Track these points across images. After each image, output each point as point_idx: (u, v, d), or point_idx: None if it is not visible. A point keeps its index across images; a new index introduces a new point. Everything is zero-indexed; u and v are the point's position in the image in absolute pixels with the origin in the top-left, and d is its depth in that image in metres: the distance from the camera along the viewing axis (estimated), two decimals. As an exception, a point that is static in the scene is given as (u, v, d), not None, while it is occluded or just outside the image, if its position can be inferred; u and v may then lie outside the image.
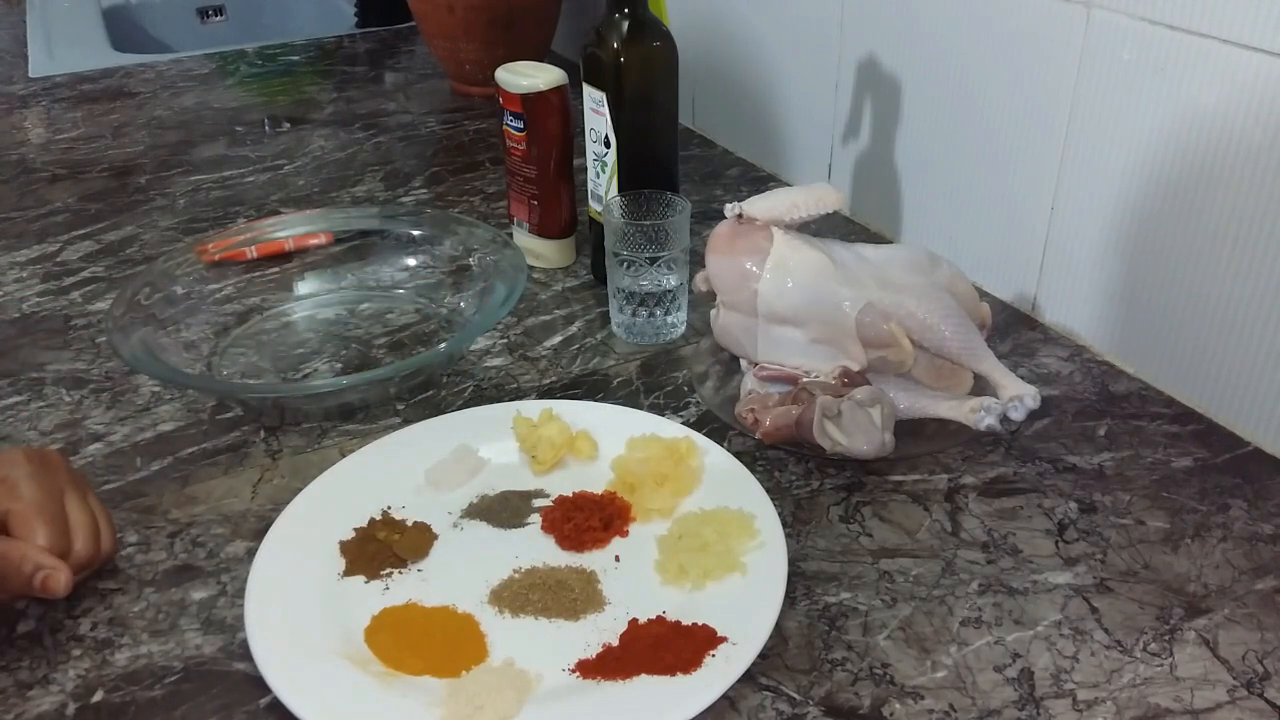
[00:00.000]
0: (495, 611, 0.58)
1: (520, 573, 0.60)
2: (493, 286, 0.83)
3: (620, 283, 0.82)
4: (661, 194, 0.83)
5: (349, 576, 0.60)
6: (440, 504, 0.66)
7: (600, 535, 0.63)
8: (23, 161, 1.22)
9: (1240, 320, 0.69)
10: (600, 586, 0.59)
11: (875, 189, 1.00)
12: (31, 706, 0.54)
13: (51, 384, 0.80)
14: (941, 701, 0.53)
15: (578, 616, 0.57)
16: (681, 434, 0.69)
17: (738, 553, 0.60)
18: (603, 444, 0.69)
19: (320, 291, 0.91)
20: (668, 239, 0.80)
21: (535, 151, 0.90)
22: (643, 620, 0.57)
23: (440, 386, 0.79)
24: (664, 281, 0.81)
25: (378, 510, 0.65)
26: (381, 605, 0.58)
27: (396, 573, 0.61)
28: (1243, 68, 0.65)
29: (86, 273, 0.97)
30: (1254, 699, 0.53)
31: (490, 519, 0.65)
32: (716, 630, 0.55)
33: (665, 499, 0.65)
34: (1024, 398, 0.69)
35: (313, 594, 0.58)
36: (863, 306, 0.69)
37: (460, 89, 1.43)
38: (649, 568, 0.61)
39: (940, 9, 0.86)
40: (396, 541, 0.62)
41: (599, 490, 0.66)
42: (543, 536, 0.63)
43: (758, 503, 0.63)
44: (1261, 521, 0.64)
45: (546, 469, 0.68)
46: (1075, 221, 0.80)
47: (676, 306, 0.83)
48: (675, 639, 0.55)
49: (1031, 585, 0.60)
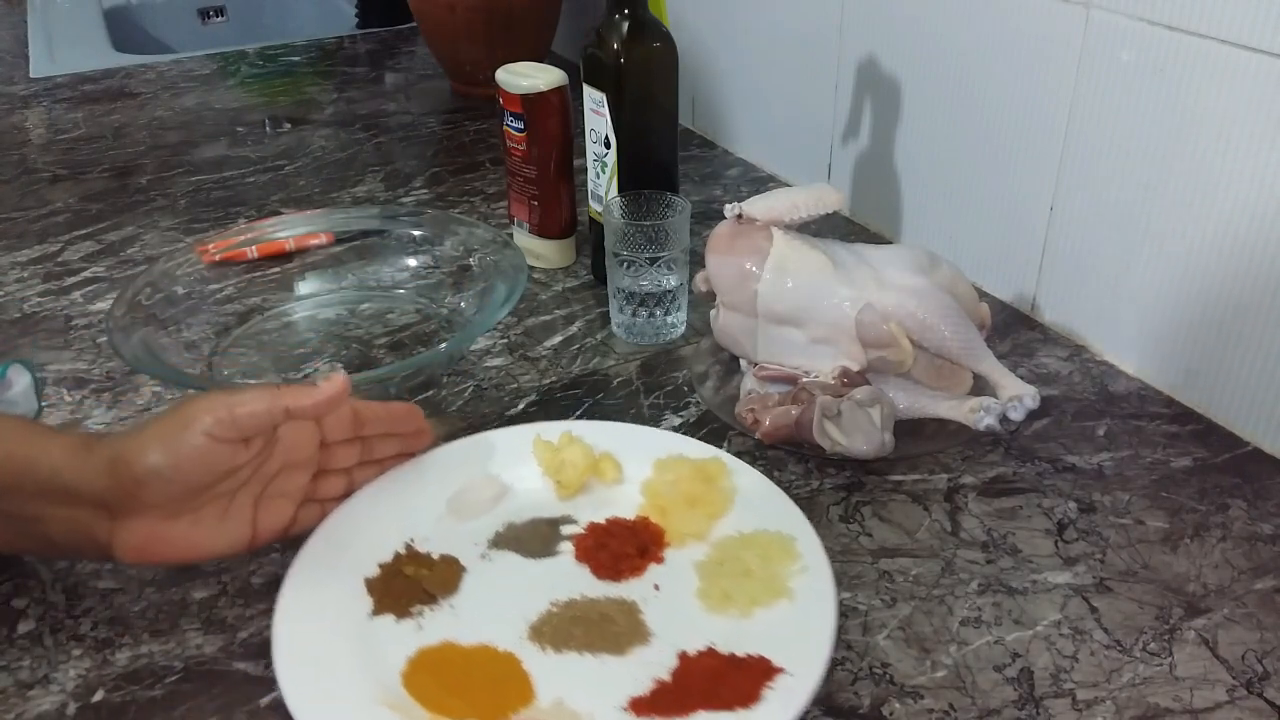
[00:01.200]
0: (537, 648, 0.55)
1: (558, 605, 0.57)
2: (493, 286, 0.83)
3: (620, 283, 0.82)
4: (661, 194, 0.83)
5: (378, 616, 0.57)
6: (465, 534, 0.63)
7: (637, 563, 0.60)
8: (24, 162, 1.22)
9: (1239, 320, 0.69)
10: (643, 617, 0.57)
11: (875, 189, 1.00)
12: (32, 706, 0.54)
13: (53, 384, 0.80)
14: (941, 701, 0.53)
15: (623, 651, 0.54)
16: (710, 454, 0.66)
17: (782, 577, 0.57)
18: (627, 466, 0.66)
19: (321, 291, 0.91)
20: (668, 239, 0.80)
21: (535, 152, 0.90)
22: (691, 652, 0.54)
23: (440, 386, 0.79)
24: (664, 282, 0.81)
25: (401, 544, 0.61)
26: (416, 646, 0.55)
27: (427, 610, 0.57)
28: (1243, 68, 0.65)
29: (87, 273, 0.97)
30: (1253, 699, 0.53)
31: (519, 548, 0.62)
32: (771, 661, 0.52)
33: (699, 522, 0.62)
34: (1023, 397, 0.69)
35: (343, 638, 0.55)
36: (863, 306, 0.69)
37: (460, 89, 1.43)
38: (690, 595, 0.58)
39: (940, 9, 0.86)
40: (426, 577, 0.59)
41: (628, 514, 0.63)
42: (576, 565, 0.60)
43: (796, 524, 0.60)
44: (1261, 521, 0.64)
45: (571, 494, 0.65)
46: (1075, 221, 0.80)
47: (676, 306, 0.83)
48: (730, 672, 0.52)
49: (1031, 585, 0.60)
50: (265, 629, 0.58)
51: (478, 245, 0.88)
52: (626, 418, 0.75)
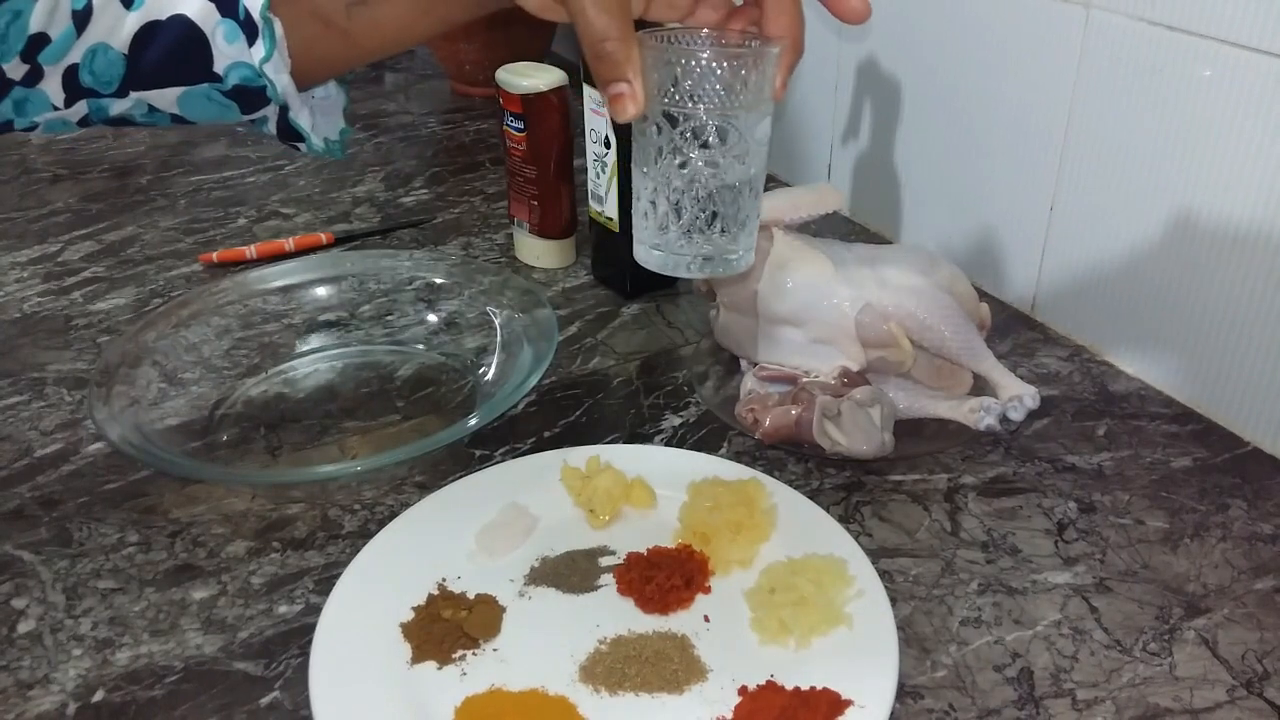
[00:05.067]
0: (589, 690, 0.52)
1: (606, 643, 0.55)
2: (520, 350, 0.76)
3: (665, 176, 0.50)
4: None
5: (418, 664, 0.54)
6: (499, 571, 0.60)
7: (684, 595, 0.57)
8: (24, 162, 1.23)
9: (1239, 320, 0.69)
10: (697, 652, 0.54)
11: (875, 189, 1.00)
12: (32, 706, 0.54)
13: (53, 384, 0.80)
14: (941, 701, 0.53)
15: (681, 689, 0.52)
16: (747, 475, 0.64)
17: (838, 604, 0.55)
18: (660, 491, 0.64)
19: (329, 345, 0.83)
20: (757, 92, 0.49)
21: (535, 152, 0.90)
22: (752, 687, 0.52)
23: (440, 385, 0.79)
24: (735, 171, 0.50)
25: (433, 585, 0.58)
26: (463, 694, 0.52)
27: (470, 654, 0.54)
28: (1243, 68, 0.65)
29: (87, 273, 0.97)
30: (1253, 699, 0.53)
31: (558, 584, 0.59)
32: (840, 694, 0.50)
33: (744, 549, 0.60)
34: (1023, 397, 0.69)
35: (384, 691, 0.52)
36: (862, 307, 0.69)
37: (460, 89, 1.43)
38: (743, 627, 0.56)
39: (940, 9, 0.86)
40: (465, 619, 0.56)
41: (667, 542, 0.61)
42: (620, 599, 0.58)
43: (845, 545, 0.59)
44: (1261, 521, 0.64)
45: (605, 523, 0.63)
46: (1075, 221, 0.80)
47: (750, 216, 0.52)
48: (799, 708, 0.50)
49: (1031, 585, 0.60)
50: (265, 629, 0.58)
51: (507, 302, 0.81)
52: (627, 418, 0.75)
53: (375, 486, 0.68)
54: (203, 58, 0.55)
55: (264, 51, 0.54)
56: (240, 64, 0.55)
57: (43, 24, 0.51)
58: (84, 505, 0.67)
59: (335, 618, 0.56)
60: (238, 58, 0.55)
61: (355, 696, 0.51)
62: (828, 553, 0.58)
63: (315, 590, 0.60)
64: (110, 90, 0.55)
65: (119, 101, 0.56)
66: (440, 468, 0.69)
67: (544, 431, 0.73)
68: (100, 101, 0.55)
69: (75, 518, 0.66)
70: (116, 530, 0.65)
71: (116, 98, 0.55)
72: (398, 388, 0.78)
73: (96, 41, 0.53)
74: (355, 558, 0.60)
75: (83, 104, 0.55)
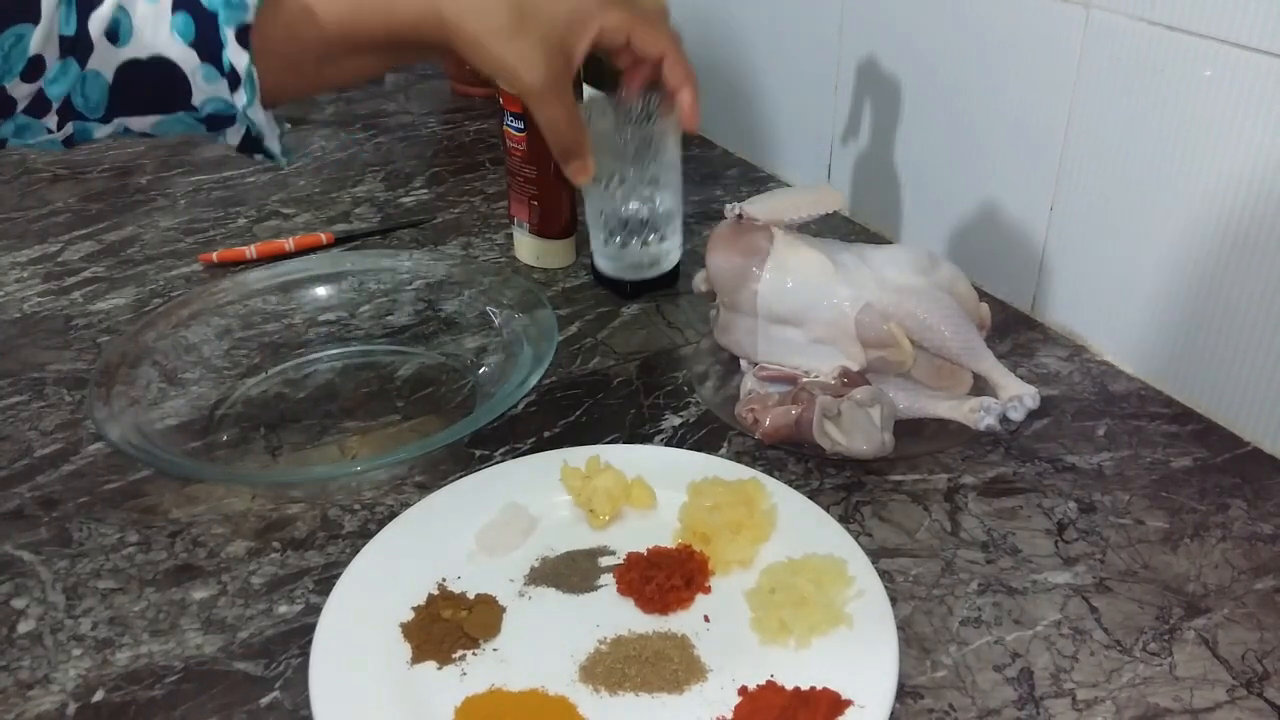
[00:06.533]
0: (590, 690, 0.52)
1: (606, 643, 0.55)
2: (519, 349, 0.76)
3: (604, 206, 0.78)
4: (648, 95, 0.77)
5: (418, 664, 0.54)
6: (498, 571, 0.60)
7: (684, 595, 0.58)
8: (24, 161, 1.22)
9: (1239, 320, 0.69)
10: (697, 652, 0.54)
11: (875, 189, 1.00)
12: (31, 706, 0.54)
13: (52, 384, 0.80)
14: (941, 701, 0.53)
15: (681, 689, 0.52)
16: (747, 475, 0.64)
17: (839, 604, 0.55)
18: (659, 491, 0.64)
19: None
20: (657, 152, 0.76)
21: (535, 152, 0.90)
22: (752, 687, 0.52)
23: (440, 385, 0.79)
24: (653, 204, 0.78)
25: (433, 584, 0.59)
26: (463, 694, 0.52)
27: (470, 654, 0.55)
28: (1243, 68, 0.65)
29: (87, 273, 0.97)
30: (1253, 699, 0.53)
31: (558, 584, 0.59)
32: (840, 694, 0.51)
33: (744, 549, 0.60)
34: (1023, 397, 0.69)
35: (384, 691, 0.52)
36: (862, 306, 0.69)
37: (460, 89, 1.43)
38: (744, 627, 0.56)
39: (940, 9, 0.86)
40: (465, 619, 0.56)
41: (666, 542, 0.61)
42: (620, 600, 0.58)
43: (844, 545, 0.59)
44: (1261, 521, 0.64)
45: (605, 523, 0.63)
46: (1075, 221, 0.80)
47: (672, 230, 0.78)
48: (799, 708, 0.50)
49: (1031, 585, 0.60)
50: (265, 629, 0.58)
51: (506, 301, 0.81)
52: (627, 418, 0.75)
53: (375, 486, 0.68)
54: (183, 93, 0.59)
55: (245, 99, 0.58)
56: (216, 99, 0.60)
57: (40, 47, 0.54)
58: (84, 505, 0.67)
59: (335, 618, 0.56)
60: (215, 95, 0.59)
61: (355, 697, 0.52)
62: (828, 553, 0.58)
63: (315, 590, 0.60)
64: (96, 116, 0.58)
65: (102, 126, 0.59)
66: (440, 468, 0.69)
67: (544, 431, 0.73)
68: (86, 125, 0.59)
69: (75, 518, 0.66)
70: (116, 530, 0.65)
71: (101, 123, 0.59)
72: (398, 388, 0.78)
73: (90, 69, 0.56)
74: (355, 558, 0.60)
75: (70, 125, 0.58)
